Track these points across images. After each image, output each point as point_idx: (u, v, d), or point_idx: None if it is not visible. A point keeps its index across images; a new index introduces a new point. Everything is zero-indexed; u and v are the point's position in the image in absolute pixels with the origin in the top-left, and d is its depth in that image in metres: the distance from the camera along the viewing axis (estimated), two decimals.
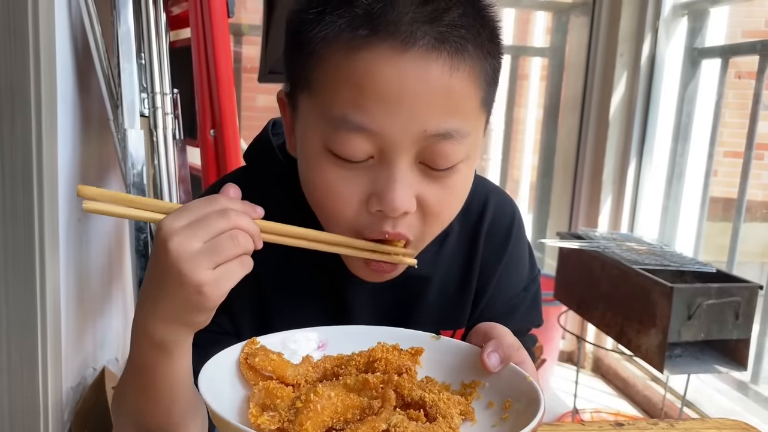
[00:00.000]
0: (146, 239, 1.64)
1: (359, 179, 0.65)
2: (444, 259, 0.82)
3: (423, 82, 0.61)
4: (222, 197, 0.59)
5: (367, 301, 0.80)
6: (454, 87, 0.62)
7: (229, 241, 0.56)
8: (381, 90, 0.60)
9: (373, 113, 0.61)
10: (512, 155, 3.34)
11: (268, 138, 0.81)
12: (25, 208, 1.38)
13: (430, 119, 0.62)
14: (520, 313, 0.86)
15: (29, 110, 1.35)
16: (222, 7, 1.68)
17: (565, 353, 3.16)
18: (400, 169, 0.63)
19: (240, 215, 0.57)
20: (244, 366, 0.61)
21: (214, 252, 0.55)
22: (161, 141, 1.69)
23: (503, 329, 0.67)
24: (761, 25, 3.34)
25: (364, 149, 0.63)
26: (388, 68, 0.60)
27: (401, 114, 0.61)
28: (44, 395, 1.46)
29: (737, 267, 2.34)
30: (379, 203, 0.64)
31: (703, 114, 2.67)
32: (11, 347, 1.43)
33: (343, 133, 0.62)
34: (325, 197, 0.67)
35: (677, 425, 0.85)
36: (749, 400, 2.34)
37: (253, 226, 0.59)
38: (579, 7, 3.02)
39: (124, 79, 1.62)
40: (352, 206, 0.66)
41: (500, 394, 0.63)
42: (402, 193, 0.63)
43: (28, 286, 1.41)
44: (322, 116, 0.64)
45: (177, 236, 0.55)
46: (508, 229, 0.85)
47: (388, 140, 0.62)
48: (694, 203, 2.70)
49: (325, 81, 0.64)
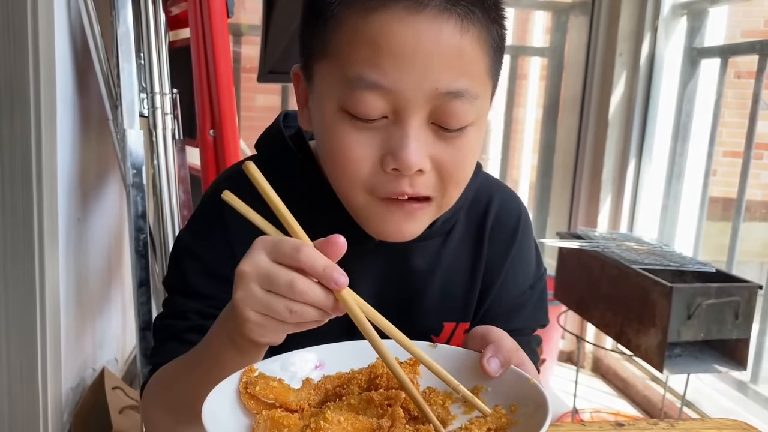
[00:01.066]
0: (146, 239, 1.64)
1: (374, 139, 0.67)
2: (448, 253, 0.83)
3: (435, 42, 0.64)
4: (307, 256, 0.55)
5: (372, 293, 0.81)
6: (464, 48, 0.65)
7: (283, 308, 0.55)
8: (395, 48, 0.64)
9: (387, 71, 0.64)
10: (512, 155, 3.34)
11: (280, 128, 0.82)
12: (25, 208, 1.38)
13: (442, 77, 0.65)
14: (527, 311, 0.86)
15: (29, 110, 1.35)
16: (221, 7, 1.68)
17: (565, 353, 3.16)
18: (413, 127, 0.66)
19: (308, 291, 0.55)
20: (244, 395, 0.60)
21: (267, 307, 0.56)
22: (160, 141, 1.69)
23: (500, 332, 0.67)
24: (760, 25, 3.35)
25: (378, 107, 0.65)
26: (403, 28, 0.63)
27: (414, 72, 0.64)
28: (44, 396, 1.46)
29: (737, 267, 2.34)
30: (393, 161, 0.66)
31: (703, 114, 2.67)
32: (11, 348, 1.43)
33: (358, 91, 0.65)
34: (342, 158, 0.68)
35: (677, 425, 0.85)
36: (749, 400, 2.34)
37: (322, 300, 0.56)
38: (578, 6, 3.02)
39: (123, 80, 1.61)
40: (368, 166, 0.67)
41: (504, 398, 0.63)
42: (415, 149, 0.65)
43: (27, 287, 1.41)
44: (339, 77, 0.67)
45: (247, 272, 0.56)
46: (515, 227, 0.86)
47: (401, 98, 0.65)
48: (693, 203, 2.70)
49: (343, 43, 0.66)
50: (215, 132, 1.71)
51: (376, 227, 0.72)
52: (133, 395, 1.93)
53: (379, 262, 0.80)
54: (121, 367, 2.31)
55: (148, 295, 1.64)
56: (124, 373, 2.29)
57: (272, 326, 0.56)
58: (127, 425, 1.76)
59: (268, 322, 0.56)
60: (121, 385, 1.96)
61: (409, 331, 0.82)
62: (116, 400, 1.83)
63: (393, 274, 0.81)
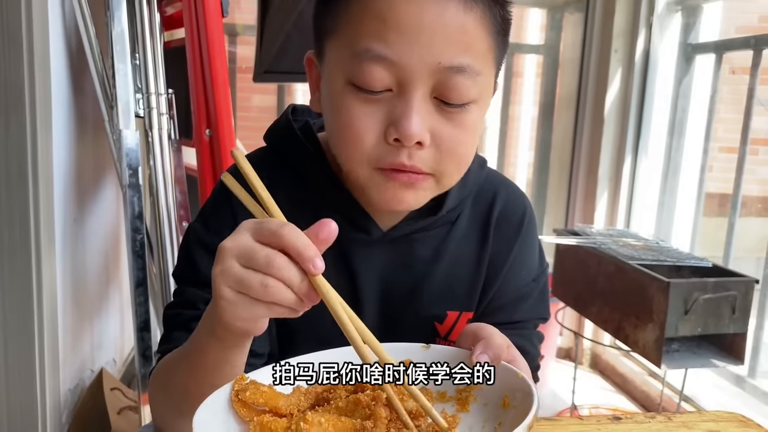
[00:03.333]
0: (142, 240, 1.64)
1: (378, 111, 0.70)
2: (453, 243, 0.85)
3: (440, 17, 0.67)
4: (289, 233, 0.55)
5: (378, 281, 0.82)
6: (467, 25, 0.68)
7: (257, 284, 0.55)
8: (402, 23, 0.67)
9: (393, 44, 0.67)
10: (508, 152, 3.34)
11: (290, 120, 0.85)
12: (21, 209, 1.38)
13: (445, 52, 0.68)
14: (529, 304, 0.88)
15: (24, 111, 1.35)
16: (216, 7, 1.68)
17: (563, 349, 3.16)
18: (415, 100, 0.69)
19: (285, 268, 0.55)
20: (236, 403, 0.61)
21: (241, 282, 0.56)
22: (156, 141, 1.69)
23: (491, 329, 0.68)
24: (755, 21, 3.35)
25: (383, 79, 0.68)
26: (409, 3, 0.67)
27: (419, 45, 0.67)
28: (42, 397, 1.46)
29: (733, 262, 2.35)
30: (395, 131, 0.69)
31: (698, 109, 2.68)
32: (8, 350, 1.43)
33: (365, 63, 0.68)
34: (347, 128, 0.71)
35: (674, 418, 0.86)
36: (746, 394, 2.35)
37: (297, 282, 0.56)
38: (573, 3, 3.02)
39: (118, 80, 1.61)
40: (371, 136, 0.70)
41: (495, 393, 0.63)
42: (416, 121, 0.68)
43: (24, 288, 1.41)
44: (348, 51, 0.70)
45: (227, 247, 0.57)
46: (520, 221, 0.88)
47: (406, 70, 0.68)
48: (689, 199, 2.70)
49: (352, 18, 0.70)
50: (211, 132, 1.71)
51: (377, 195, 0.74)
52: (131, 396, 1.93)
53: (386, 251, 0.82)
54: (120, 368, 2.31)
55: (145, 296, 1.64)
56: (123, 374, 2.29)
57: (244, 305, 0.56)
58: (126, 426, 1.75)
59: (241, 299, 0.56)
60: (120, 385, 1.96)
61: (413, 319, 0.84)
62: (114, 400, 1.83)
63: (399, 262, 0.82)
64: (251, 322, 0.59)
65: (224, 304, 0.57)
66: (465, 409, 0.64)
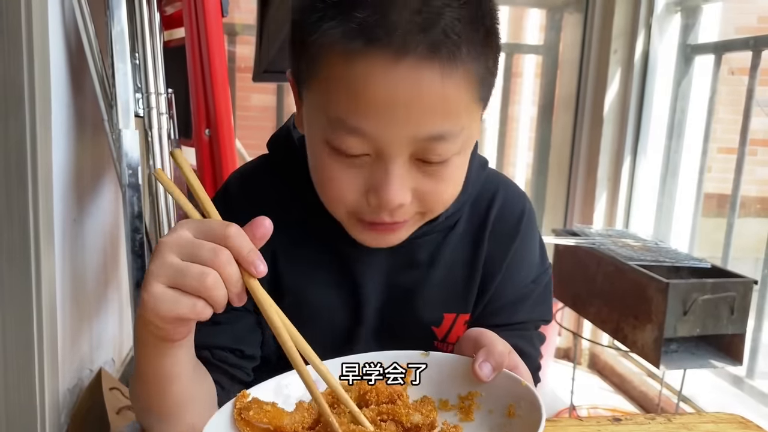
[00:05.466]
0: (142, 239, 1.63)
1: (357, 173, 0.68)
2: (449, 247, 0.84)
3: (415, 91, 0.62)
4: (236, 234, 0.56)
5: (375, 285, 0.83)
6: (447, 93, 0.64)
7: (196, 273, 0.54)
8: (375, 98, 0.63)
9: (368, 119, 0.64)
10: (507, 152, 3.34)
11: (289, 130, 0.84)
12: (20, 209, 1.38)
13: (423, 125, 0.64)
14: (528, 305, 0.87)
15: (23, 111, 1.35)
16: (216, 7, 1.68)
17: (562, 350, 3.17)
18: (395, 166, 0.66)
19: (228, 264, 0.55)
20: (239, 422, 0.60)
21: (177, 274, 0.55)
22: (156, 141, 1.69)
23: (493, 336, 0.68)
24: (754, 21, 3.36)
25: (360, 148, 0.66)
26: (382, 78, 0.62)
27: (394, 120, 0.63)
28: (41, 397, 1.46)
29: (732, 262, 2.35)
30: (375, 198, 0.67)
31: (697, 110, 2.68)
32: (7, 349, 1.42)
33: (340, 133, 0.65)
34: (327, 186, 0.71)
35: (674, 420, 0.86)
36: (745, 395, 2.35)
37: (235, 280, 0.55)
38: (572, 4, 3.02)
39: (118, 79, 1.61)
40: (352, 196, 0.69)
41: (499, 401, 0.63)
42: (396, 189, 0.66)
43: (23, 288, 1.40)
44: (322, 114, 0.67)
45: (167, 242, 0.56)
46: (517, 222, 0.87)
47: (382, 143, 0.65)
48: (688, 199, 2.71)
49: (324, 83, 0.66)
50: (211, 131, 1.71)
51: (360, 238, 0.75)
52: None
53: (383, 257, 0.81)
54: (119, 368, 2.31)
55: None
56: (122, 374, 2.29)
57: (169, 301, 0.55)
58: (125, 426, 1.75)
59: (168, 295, 0.55)
60: (119, 385, 1.96)
61: (411, 323, 0.84)
62: (114, 400, 1.83)
63: (396, 266, 0.82)
64: (170, 324, 0.58)
65: (150, 300, 0.55)
66: (469, 418, 0.64)
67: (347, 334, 0.84)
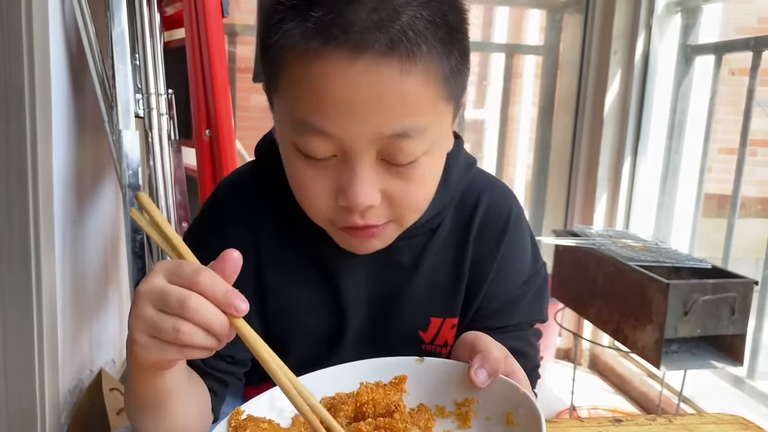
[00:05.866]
0: (142, 240, 1.64)
1: (326, 175, 0.68)
2: (433, 250, 0.83)
3: (374, 88, 0.62)
4: (206, 279, 0.54)
5: (359, 291, 0.82)
6: (406, 89, 0.63)
7: (170, 327, 0.54)
8: (335, 96, 0.63)
9: (330, 118, 0.64)
10: (507, 153, 3.34)
11: (273, 135, 0.83)
12: (21, 210, 1.38)
13: (385, 122, 0.64)
14: (522, 307, 0.86)
15: (24, 112, 1.35)
16: (216, 7, 1.68)
17: (562, 350, 3.16)
18: (362, 167, 0.66)
19: (197, 310, 0.53)
20: None
21: (153, 327, 0.55)
22: (156, 142, 1.69)
23: (488, 340, 0.67)
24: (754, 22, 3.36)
25: (326, 149, 0.66)
26: (340, 76, 0.62)
27: (355, 119, 0.63)
28: (41, 398, 1.46)
29: (732, 263, 2.35)
30: (344, 199, 0.67)
31: (697, 111, 2.68)
32: (7, 350, 1.42)
33: (305, 135, 0.66)
34: (301, 191, 0.71)
35: (675, 420, 0.86)
36: (746, 396, 2.35)
37: (217, 323, 0.54)
38: (573, 4, 3.02)
39: (118, 80, 1.61)
40: (323, 200, 0.69)
41: (496, 407, 0.63)
42: (363, 189, 0.66)
43: (24, 289, 1.40)
44: (288, 117, 0.68)
45: (141, 291, 0.56)
46: (504, 224, 0.85)
47: (346, 143, 0.65)
48: (688, 200, 2.70)
49: (287, 86, 0.67)
50: (211, 132, 1.71)
51: (342, 244, 0.75)
52: None
53: (366, 260, 0.80)
54: (119, 369, 2.31)
55: None
56: (122, 375, 2.29)
57: (157, 349, 0.55)
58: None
59: (154, 344, 0.55)
60: (119, 386, 1.96)
61: (397, 328, 0.83)
62: (114, 401, 1.83)
63: (379, 271, 0.82)
64: (164, 363, 0.59)
65: (137, 350, 0.56)
66: (467, 425, 0.64)
67: (332, 339, 0.83)
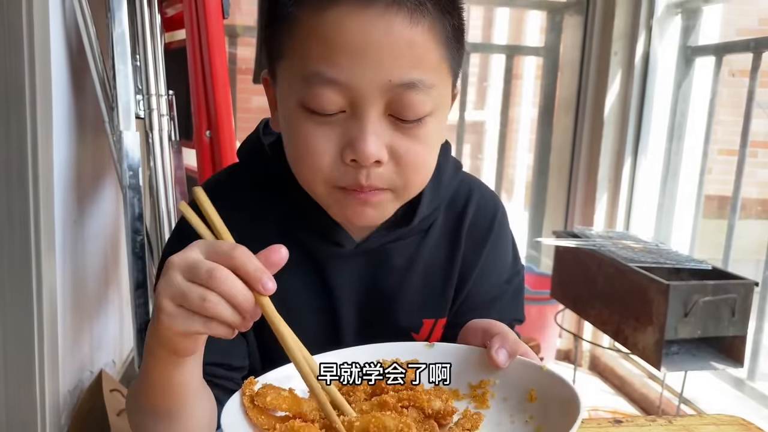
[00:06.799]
0: (142, 241, 1.64)
1: (333, 132, 0.69)
2: (426, 251, 0.84)
3: (386, 34, 0.65)
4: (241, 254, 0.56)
5: (353, 292, 0.82)
6: (415, 39, 0.66)
7: (196, 296, 0.55)
8: (347, 43, 0.65)
9: (341, 66, 0.66)
10: (507, 154, 3.34)
11: (259, 136, 0.84)
12: (21, 210, 1.38)
13: (394, 69, 0.66)
14: (502, 305, 0.88)
15: (24, 113, 1.35)
16: (217, 8, 1.68)
17: (562, 351, 3.16)
18: (370, 120, 0.67)
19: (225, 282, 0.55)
20: (252, 411, 0.58)
21: (181, 294, 0.56)
22: (157, 143, 1.69)
23: (502, 325, 0.69)
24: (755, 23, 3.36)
25: (335, 102, 0.67)
26: (353, 23, 0.65)
27: (367, 65, 0.65)
28: (41, 399, 1.46)
29: (732, 264, 2.35)
30: (352, 152, 0.68)
31: (698, 112, 2.68)
32: (8, 351, 1.42)
33: (315, 87, 0.67)
34: (303, 151, 0.71)
35: (675, 421, 0.86)
36: (746, 397, 2.35)
37: (241, 298, 0.55)
38: (573, 6, 3.03)
39: (119, 81, 1.61)
40: (328, 158, 0.69)
41: (515, 388, 0.64)
42: (372, 141, 0.67)
43: (24, 289, 1.41)
44: (297, 75, 0.69)
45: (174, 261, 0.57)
46: (490, 224, 0.88)
47: (357, 91, 0.66)
48: (689, 201, 2.71)
49: (299, 42, 0.69)
50: (211, 133, 1.71)
51: (338, 212, 0.75)
52: None
53: (359, 262, 0.81)
54: (119, 370, 2.31)
55: (145, 297, 1.64)
56: (122, 376, 2.29)
57: (182, 318, 0.56)
58: (125, 428, 1.75)
59: (180, 313, 0.56)
60: (119, 387, 1.96)
61: (390, 329, 0.84)
62: (114, 402, 1.83)
63: (373, 273, 0.82)
64: (187, 339, 0.59)
65: (163, 317, 0.56)
66: (485, 406, 0.65)
67: (325, 340, 0.83)
